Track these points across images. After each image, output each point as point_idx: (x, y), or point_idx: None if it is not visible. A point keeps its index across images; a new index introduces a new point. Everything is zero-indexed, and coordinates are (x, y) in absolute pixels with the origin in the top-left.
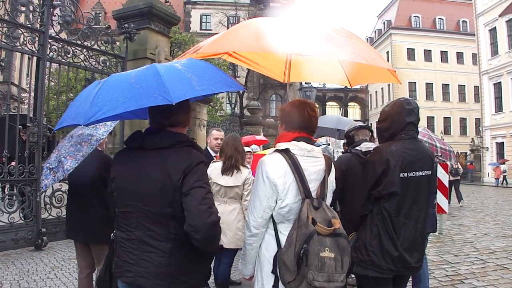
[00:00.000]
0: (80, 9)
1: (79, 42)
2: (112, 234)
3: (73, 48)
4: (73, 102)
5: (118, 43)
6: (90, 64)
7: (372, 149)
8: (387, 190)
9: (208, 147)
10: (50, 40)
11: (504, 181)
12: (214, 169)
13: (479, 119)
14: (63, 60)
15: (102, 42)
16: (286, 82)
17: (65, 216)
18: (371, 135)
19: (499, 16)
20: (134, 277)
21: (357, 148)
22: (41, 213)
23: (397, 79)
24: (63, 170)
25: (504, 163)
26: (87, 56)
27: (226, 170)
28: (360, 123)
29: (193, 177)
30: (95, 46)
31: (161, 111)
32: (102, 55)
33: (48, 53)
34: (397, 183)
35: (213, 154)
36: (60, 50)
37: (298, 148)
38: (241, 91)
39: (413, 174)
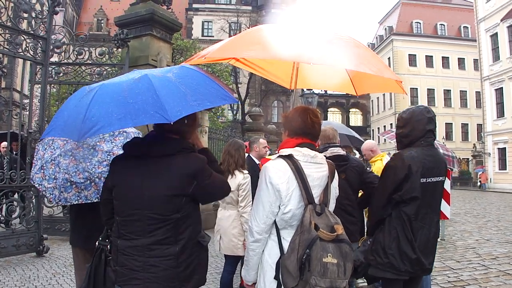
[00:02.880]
0: (70, 32)
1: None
2: (97, 242)
3: (69, 68)
4: (60, 110)
5: (119, 50)
6: (89, 79)
7: (338, 153)
8: (409, 194)
9: (251, 155)
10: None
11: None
12: None
13: (481, 124)
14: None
15: (97, 55)
16: (293, 88)
17: (57, 215)
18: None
19: (501, 20)
20: (143, 284)
21: (323, 154)
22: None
23: (403, 89)
24: (98, 192)
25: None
26: (85, 72)
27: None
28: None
29: (206, 178)
30: (89, 61)
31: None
32: (98, 67)
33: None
34: (418, 188)
35: (257, 162)
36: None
37: (301, 154)
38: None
39: (431, 179)
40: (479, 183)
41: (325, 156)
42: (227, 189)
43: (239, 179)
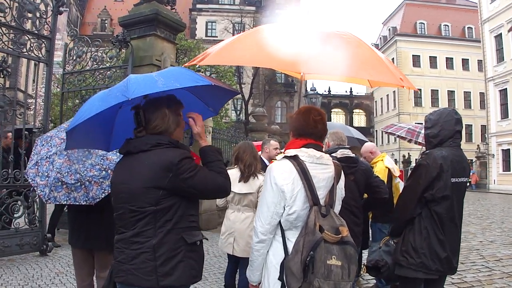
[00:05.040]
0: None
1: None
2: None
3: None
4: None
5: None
6: (102, 83)
7: (348, 155)
8: (441, 193)
9: (262, 156)
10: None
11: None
12: (231, 176)
13: (485, 125)
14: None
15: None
16: (303, 80)
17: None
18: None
19: (508, 31)
20: (126, 276)
21: (333, 154)
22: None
23: (410, 85)
24: (86, 195)
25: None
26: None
27: (245, 177)
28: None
29: (185, 172)
30: (95, 65)
31: (139, 121)
32: (105, 70)
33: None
34: (449, 187)
35: (267, 163)
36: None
37: (307, 155)
38: (239, 96)
39: (458, 179)
40: (468, 184)
41: (335, 157)
42: (219, 189)
43: (260, 181)
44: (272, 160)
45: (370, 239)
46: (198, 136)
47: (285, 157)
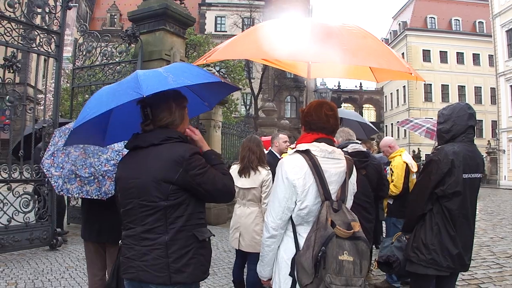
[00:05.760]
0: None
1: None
2: (120, 241)
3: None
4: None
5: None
6: (111, 78)
7: (360, 149)
8: (452, 189)
9: (272, 150)
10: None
11: None
12: (233, 171)
13: (496, 121)
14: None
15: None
16: (311, 78)
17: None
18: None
19: None
20: (136, 272)
21: (344, 149)
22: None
23: (418, 77)
24: (99, 190)
25: None
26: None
27: (242, 171)
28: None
29: (195, 168)
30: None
31: (145, 115)
32: (115, 65)
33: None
34: (461, 182)
35: (279, 156)
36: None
37: (319, 149)
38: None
39: (471, 175)
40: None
41: (347, 151)
42: (227, 190)
43: (263, 175)
44: (283, 154)
45: (384, 235)
46: (199, 142)
47: (297, 151)
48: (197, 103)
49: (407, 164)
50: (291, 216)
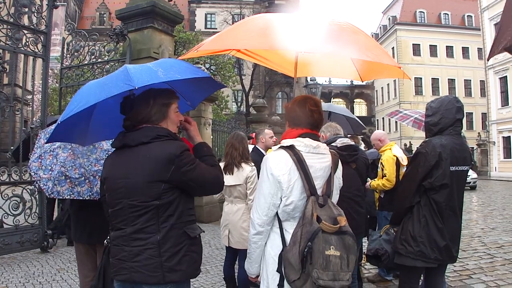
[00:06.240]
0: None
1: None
2: (105, 241)
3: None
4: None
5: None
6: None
7: (349, 143)
8: (440, 182)
9: (258, 146)
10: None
11: None
12: None
13: (486, 113)
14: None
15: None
16: (297, 77)
17: None
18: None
19: None
20: (129, 274)
21: (332, 144)
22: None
23: (404, 75)
24: (90, 190)
25: None
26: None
27: (225, 168)
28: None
29: (186, 165)
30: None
31: (126, 110)
32: (103, 64)
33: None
34: (448, 175)
35: (264, 153)
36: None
37: (303, 144)
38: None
39: (458, 168)
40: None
41: (336, 146)
42: (216, 182)
43: (246, 172)
44: (269, 150)
45: (377, 229)
46: (193, 132)
47: (281, 147)
48: (179, 103)
49: (397, 158)
50: (277, 212)
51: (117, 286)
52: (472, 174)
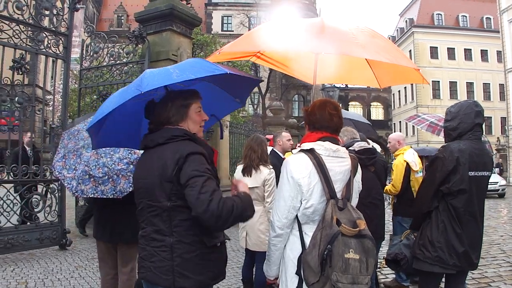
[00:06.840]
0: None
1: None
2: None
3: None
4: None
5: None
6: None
7: (366, 147)
8: (457, 187)
9: (275, 149)
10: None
11: None
12: (237, 172)
13: (505, 117)
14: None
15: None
16: (314, 84)
17: None
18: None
19: None
20: (146, 272)
21: (350, 148)
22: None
23: (423, 79)
24: (114, 189)
25: None
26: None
27: (244, 170)
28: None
29: (189, 167)
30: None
31: (149, 114)
32: (123, 66)
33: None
34: (466, 180)
35: (282, 156)
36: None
37: (323, 148)
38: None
39: (478, 173)
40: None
41: (354, 150)
42: (211, 210)
43: (264, 174)
44: (287, 153)
45: (391, 233)
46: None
47: (301, 150)
48: (227, 100)
49: (407, 163)
50: (296, 215)
51: (143, 285)
52: (500, 181)
